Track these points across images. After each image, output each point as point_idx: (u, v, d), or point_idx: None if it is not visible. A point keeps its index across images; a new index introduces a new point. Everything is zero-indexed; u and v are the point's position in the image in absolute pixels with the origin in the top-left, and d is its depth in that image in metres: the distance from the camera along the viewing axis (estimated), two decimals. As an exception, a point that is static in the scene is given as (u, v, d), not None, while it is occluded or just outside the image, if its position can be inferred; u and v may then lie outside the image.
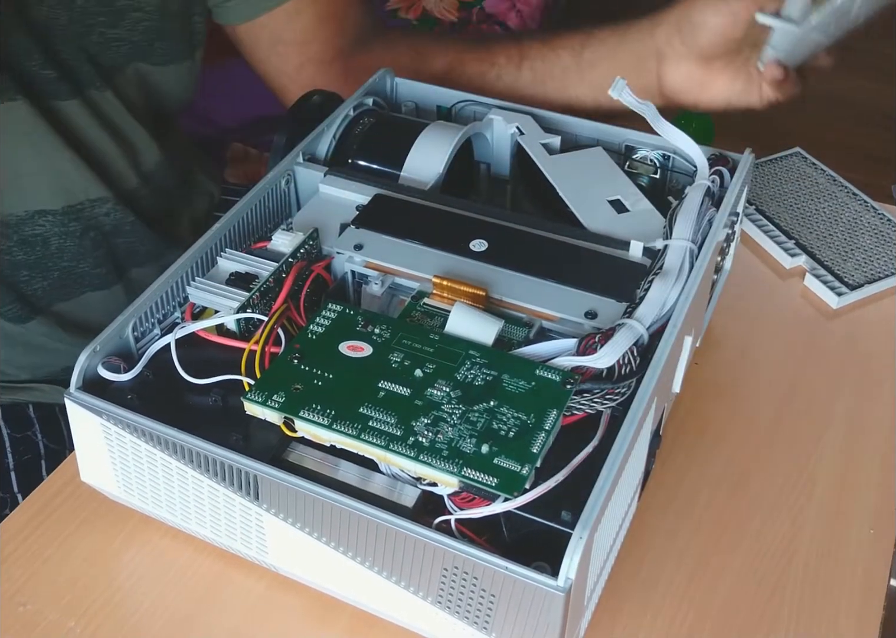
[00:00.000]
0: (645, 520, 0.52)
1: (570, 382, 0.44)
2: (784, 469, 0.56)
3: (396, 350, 0.46)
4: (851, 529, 0.53)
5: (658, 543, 0.52)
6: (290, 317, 0.49)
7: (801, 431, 0.58)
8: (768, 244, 0.71)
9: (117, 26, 0.65)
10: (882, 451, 0.57)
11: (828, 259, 0.69)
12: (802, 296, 0.67)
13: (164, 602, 0.48)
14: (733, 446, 0.57)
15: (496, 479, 0.40)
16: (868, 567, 0.51)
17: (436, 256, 0.52)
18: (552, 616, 0.39)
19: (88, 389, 0.46)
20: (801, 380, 0.61)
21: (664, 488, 0.54)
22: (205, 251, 0.52)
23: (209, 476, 0.44)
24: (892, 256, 0.69)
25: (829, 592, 0.50)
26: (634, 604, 0.49)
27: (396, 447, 0.41)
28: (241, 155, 1.22)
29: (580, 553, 0.38)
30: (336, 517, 0.42)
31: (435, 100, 0.66)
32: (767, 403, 0.60)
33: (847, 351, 0.63)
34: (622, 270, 0.50)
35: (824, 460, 0.56)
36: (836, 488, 0.55)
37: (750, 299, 0.67)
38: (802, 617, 0.49)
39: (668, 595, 0.49)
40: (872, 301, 0.67)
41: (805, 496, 0.54)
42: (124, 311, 0.48)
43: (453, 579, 0.41)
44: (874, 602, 0.49)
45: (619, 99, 0.54)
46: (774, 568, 0.51)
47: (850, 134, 1.74)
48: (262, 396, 0.44)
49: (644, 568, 0.51)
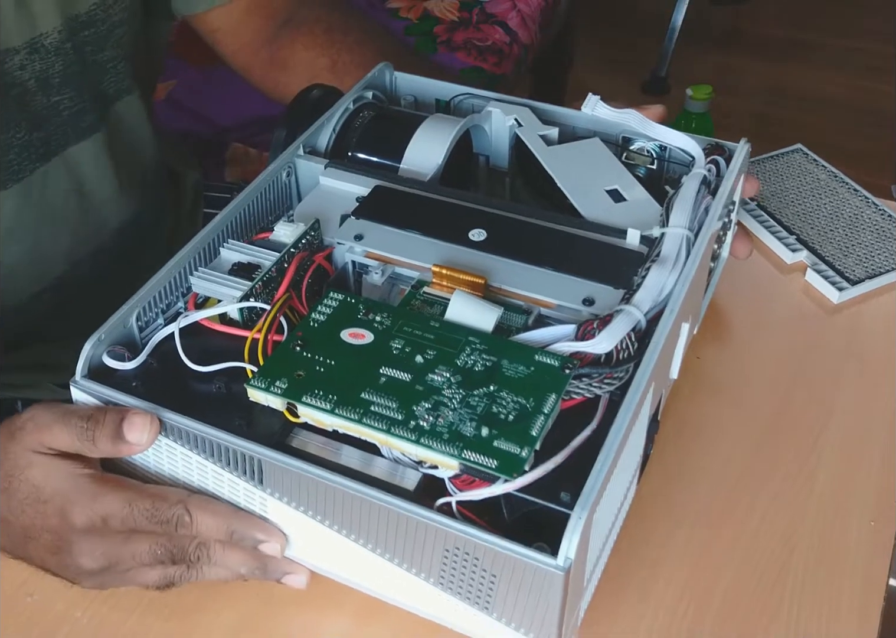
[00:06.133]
0: (647, 513, 0.53)
1: (568, 367, 0.44)
2: (785, 462, 0.56)
3: (397, 337, 0.46)
4: (852, 522, 0.53)
5: (660, 535, 0.52)
6: (292, 306, 0.49)
7: (802, 425, 0.58)
8: (770, 240, 0.71)
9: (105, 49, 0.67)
10: (882, 444, 0.57)
11: (829, 254, 0.70)
12: (803, 291, 0.68)
13: (171, 591, 0.48)
14: (734, 440, 0.57)
15: (496, 461, 0.41)
16: (868, 560, 0.51)
17: (435, 246, 0.52)
18: (552, 595, 0.40)
19: (93, 377, 0.47)
20: (802, 374, 0.62)
21: (666, 481, 0.55)
22: (208, 242, 0.52)
23: (214, 461, 0.45)
24: (892, 252, 0.70)
25: (830, 585, 0.50)
26: (636, 595, 0.50)
27: (398, 431, 0.42)
28: (241, 155, 1.22)
29: (579, 533, 0.39)
30: (339, 500, 0.43)
31: (434, 93, 0.66)
32: (769, 397, 0.60)
33: (848, 346, 0.64)
34: (620, 258, 0.51)
35: (825, 454, 0.57)
36: (836, 482, 0.55)
37: (751, 294, 0.67)
38: (803, 609, 0.49)
39: (669, 587, 0.50)
40: (873, 296, 0.67)
41: (806, 489, 0.55)
42: (128, 301, 0.49)
43: (454, 560, 0.42)
44: (874, 594, 0.50)
45: (595, 114, 0.54)
46: (776, 560, 0.51)
47: (850, 134, 1.74)
48: (266, 382, 0.44)
49: (646, 561, 0.51)
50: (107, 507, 0.45)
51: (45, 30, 0.62)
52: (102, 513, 0.45)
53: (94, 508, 0.45)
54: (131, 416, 0.45)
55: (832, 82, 1.13)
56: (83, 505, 0.45)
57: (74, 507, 0.45)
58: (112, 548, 0.45)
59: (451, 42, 1.41)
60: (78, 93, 0.66)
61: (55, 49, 0.63)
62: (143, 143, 0.75)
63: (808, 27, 2.13)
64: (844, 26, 2.12)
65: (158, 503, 0.45)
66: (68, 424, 0.45)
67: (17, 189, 0.64)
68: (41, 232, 0.67)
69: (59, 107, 0.65)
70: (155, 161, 0.77)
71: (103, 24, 0.66)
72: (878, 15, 2.08)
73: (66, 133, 0.66)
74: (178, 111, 1.24)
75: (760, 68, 1.99)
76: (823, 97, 1.39)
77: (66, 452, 0.46)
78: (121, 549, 0.45)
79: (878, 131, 1.75)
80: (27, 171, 0.64)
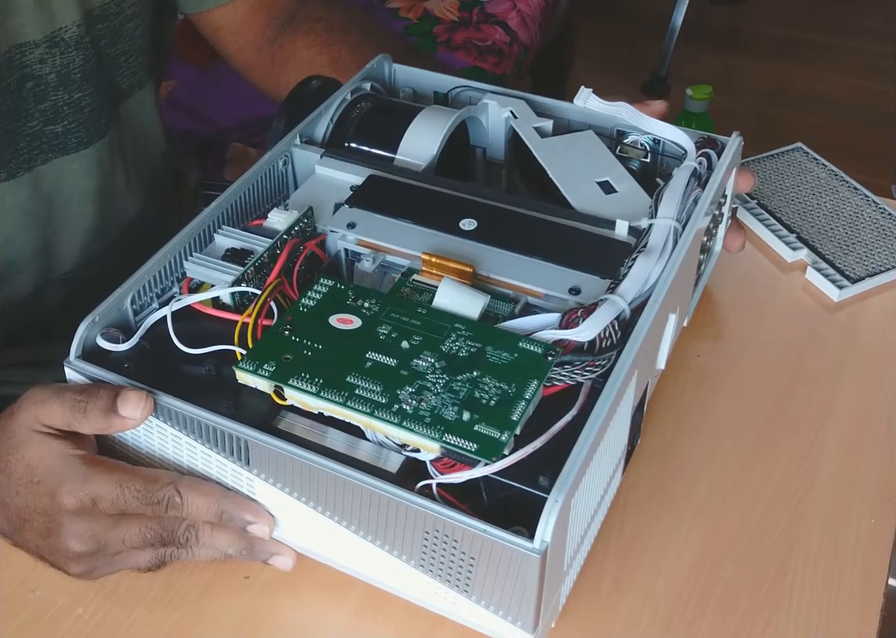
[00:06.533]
0: (648, 508, 0.53)
1: (551, 354, 0.45)
2: (785, 459, 0.56)
3: (385, 323, 0.47)
4: (852, 519, 0.53)
5: (661, 531, 0.53)
6: (283, 291, 0.50)
7: (803, 423, 0.58)
8: (770, 238, 0.71)
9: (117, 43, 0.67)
10: (882, 442, 0.57)
11: (829, 252, 0.70)
12: (804, 289, 0.68)
13: (173, 586, 0.49)
14: (735, 437, 0.58)
15: (476, 444, 0.41)
16: (868, 557, 0.51)
17: (426, 235, 0.53)
18: (529, 578, 0.41)
19: (87, 358, 0.48)
20: (802, 372, 0.62)
21: (667, 477, 0.55)
22: (203, 228, 0.53)
23: (202, 442, 0.46)
24: (892, 250, 0.70)
25: (830, 581, 0.50)
26: (636, 590, 0.50)
27: (381, 414, 0.43)
28: (241, 155, 1.23)
29: (555, 516, 0.40)
30: (323, 482, 0.43)
31: (432, 85, 0.67)
32: (769, 395, 0.60)
33: (848, 343, 0.64)
34: (607, 248, 0.52)
35: (825, 451, 0.57)
36: (836, 479, 0.55)
37: (752, 292, 0.68)
38: (803, 605, 0.49)
39: (670, 583, 0.50)
40: (873, 294, 0.67)
41: (806, 486, 0.55)
42: (123, 285, 0.50)
43: (434, 543, 0.42)
44: (874, 592, 0.50)
45: (587, 107, 0.54)
46: (775, 557, 0.51)
47: (850, 134, 1.74)
48: (254, 364, 0.45)
49: (647, 556, 0.51)
50: (97, 488, 0.45)
51: (64, 24, 0.63)
52: (92, 494, 0.45)
53: (85, 489, 0.45)
54: (126, 391, 0.45)
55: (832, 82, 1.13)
56: (73, 486, 0.45)
57: (64, 487, 0.45)
58: (101, 530, 0.46)
59: (451, 42, 1.42)
60: (96, 88, 0.66)
61: (75, 43, 0.63)
62: (153, 140, 0.75)
63: (808, 27, 2.13)
64: (844, 26, 2.11)
65: (149, 485, 0.46)
66: (62, 397, 0.46)
67: (26, 179, 0.65)
68: (49, 226, 0.68)
69: (81, 103, 0.65)
70: (163, 159, 0.78)
71: (116, 18, 0.67)
72: (878, 15, 2.08)
73: (86, 129, 0.66)
74: (178, 111, 1.25)
75: (760, 68, 1.99)
76: (823, 97, 1.39)
77: (61, 431, 0.47)
78: (110, 532, 0.46)
79: (878, 131, 1.74)
80: (38, 161, 0.65)
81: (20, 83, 0.62)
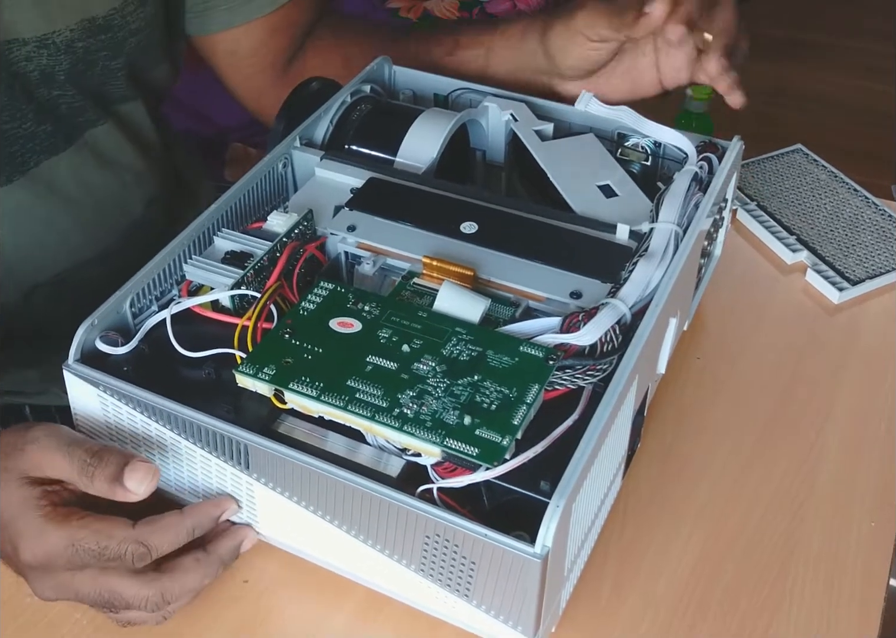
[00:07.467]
0: (649, 511, 0.53)
1: (552, 358, 0.45)
2: (785, 462, 0.56)
3: (385, 326, 0.47)
4: (852, 522, 0.53)
5: (661, 533, 0.53)
6: (283, 295, 0.50)
7: (803, 425, 0.58)
8: (770, 240, 0.71)
9: (119, 56, 0.67)
10: (882, 444, 0.57)
11: (829, 254, 0.70)
12: (804, 291, 0.68)
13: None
14: (735, 439, 0.58)
15: (477, 449, 0.41)
16: (869, 560, 0.51)
17: (426, 238, 0.53)
18: (529, 583, 0.41)
19: (87, 361, 0.47)
20: (802, 374, 0.62)
21: (667, 479, 0.55)
22: (202, 231, 0.53)
23: (202, 446, 0.46)
24: (892, 252, 0.70)
25: (830, 583, 0.50)
26: (637, 592, 0.50)
27: (382, 418, 0.43)
28: (241, 155, 1.23)
29: (557, 521, 0.40)
30: (323, 486, 0.43)
31: (432, 88, 0.67)
32: (769, 397, 0.60)
33: (848, 345, 0.64)
34: (608, 252, 0.52)
35: (825, 454, 0.57)
36: (836, 482, 0.55)
37: (751, 295, 0.68)
38: (803, 608, 0.49)
39: (671, 585, 0.50)
40: (873, 296, 0.67)
41: (806, 489, 0.55)
42: (122, 288, 0.49)
43: (435, 547, 0.42)
44: (875, 594, 0.50)
45: (588, 111, 0.54)
46: (776, 559, 0.51)
47: (850, 134, 1.74)
48: (254, 368, 0.45)
49: (648, 559, 0.51)
50: (50, 547, 0.44)
51: (58, 28, 0.62)
52: (47, 553, 0.44)
53: (40, 547, 0.44)
54: (135, 462, 0.44)
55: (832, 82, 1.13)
56: (29, 542, 0.44)
57: (21, 541, 0.44)
58: (65, 583, 0.45)
59: (450, 42, 1.42)
60: (80, 92, 0.66)
61: (65, 47, 0.63)
62: (148, 144, 0.74)
63: (808, 27, 2.13)
64: (844, 26, 2.11)
65: (104, 541, 0.44)
66: (72, 455, 0.45)
67: (21, 182, 0.64)
68: (44, 228, 0.67)
69: (59, 101, 0.65)
70: (161, 167, 0.76)
71: (120, 31, 0.66)
72: (878, 15, 2.08)
73: (70, 129, 0.66)
74: (178, 111, 1.24)
75: (760, 68, 1.98)
76: (823, 97, 1.39)
77: (46, 478, 0.45)
78: (75, 584, 0.45)
79: (878, 131, 1.74)
80: (32, 164, 0.65)
81: (10, 80, 0.62)
